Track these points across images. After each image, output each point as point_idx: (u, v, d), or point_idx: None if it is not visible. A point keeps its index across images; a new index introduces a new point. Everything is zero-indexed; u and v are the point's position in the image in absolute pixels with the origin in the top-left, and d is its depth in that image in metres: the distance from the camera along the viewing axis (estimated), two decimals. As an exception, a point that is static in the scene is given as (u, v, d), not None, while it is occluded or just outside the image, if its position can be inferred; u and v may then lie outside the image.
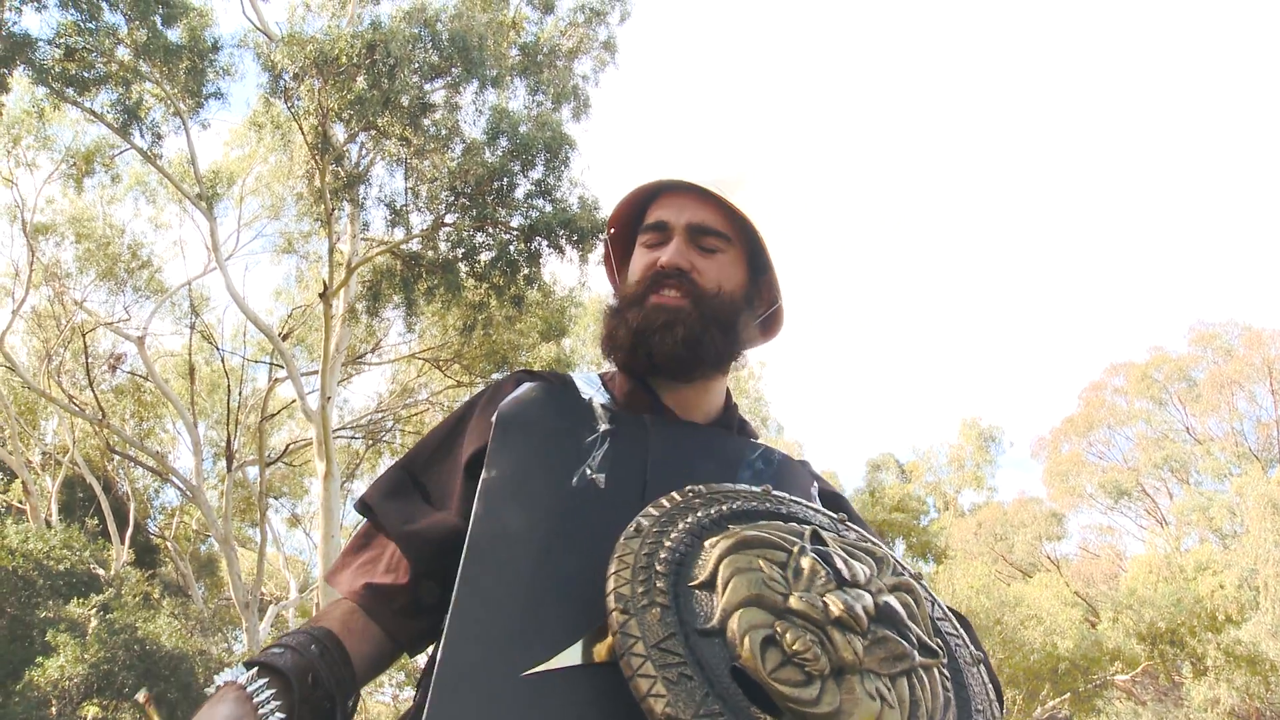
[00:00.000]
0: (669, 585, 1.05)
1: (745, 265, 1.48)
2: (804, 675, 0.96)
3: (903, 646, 1.01)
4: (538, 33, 15.23)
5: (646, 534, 1.11)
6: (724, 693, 0.95)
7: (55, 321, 18.72)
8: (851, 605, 1.01)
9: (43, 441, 21.50)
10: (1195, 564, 22.63)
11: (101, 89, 12.71)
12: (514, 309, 14.50)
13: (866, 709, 0.95)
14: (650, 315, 1.41)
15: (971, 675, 1.09)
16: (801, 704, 0.94)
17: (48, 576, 13.89)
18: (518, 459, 1.32)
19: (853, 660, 0.97)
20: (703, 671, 0.97)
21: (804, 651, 0.96)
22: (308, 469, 21.53)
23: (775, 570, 1.05)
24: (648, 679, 0.96)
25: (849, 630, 0.99)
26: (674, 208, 1.48)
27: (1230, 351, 28.84)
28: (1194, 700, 20.80)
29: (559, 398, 1.44)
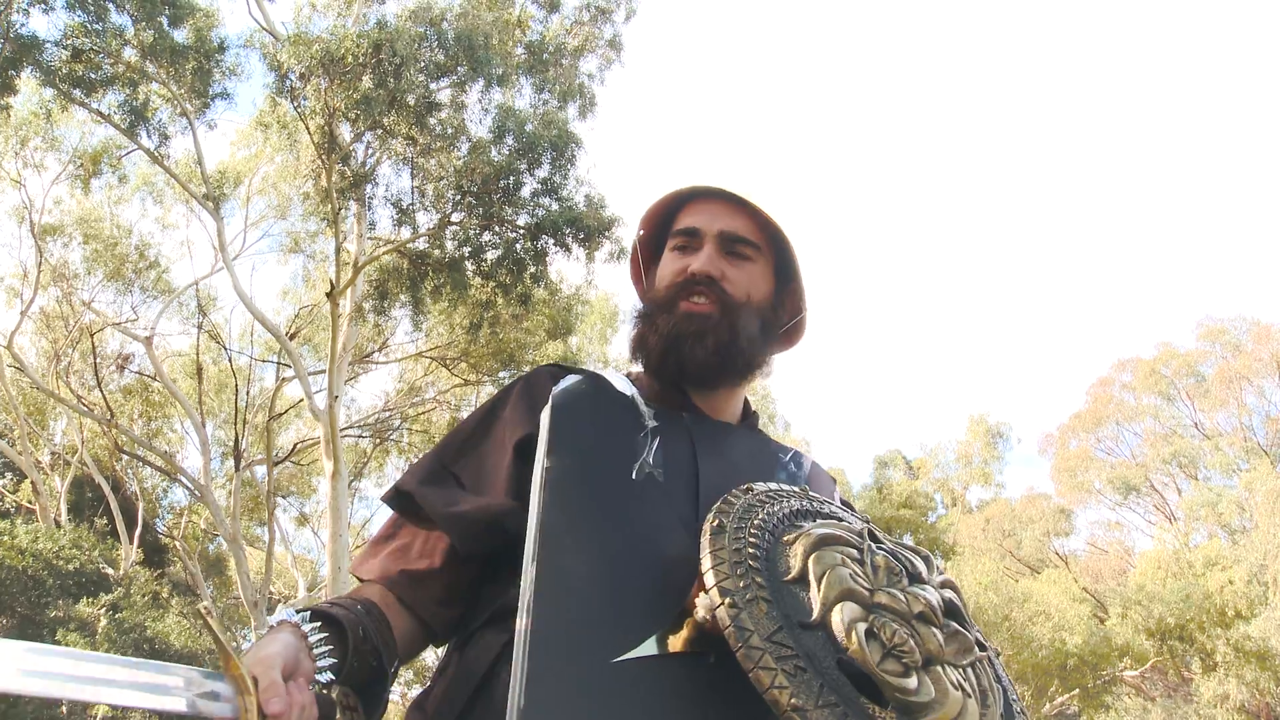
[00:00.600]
0: (765, 580, 1.08)
1: (773, 274, 1.50)
2: (902, 666, 1.00)
3: (970, 639, 1.06)
4: (543, 31, 15.22)
5: (730, 531, 1.14)
6: (835, 684, 0.99)
7: (63, 322, 18.76)
8: (929, 600, 1.06)
9: (51, 442, 21.54)
10: (1204, 559, 22.56)
11: (108, 90, 12.74)
12: (520, 307, 14.52)
13: (955, 699, 1.00)
14: (681, 323, 1.43)
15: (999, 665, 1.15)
16: (906, 693, 0.99)
17: (57, 576, 13.94)
18: (579, 449, 1.31)
19: (938, 652, 1.02)
20: (812, 664, 1.00)
21: (901, 644, 1.01)
22: (315, 468, 21.55)
23: (856, 566, 1.09)
24: (769, 671, 0.98)
25: (930, 624, 1.04)
26: (706, 214, 1.48)
27: (1239, 346, 28.76)
28: (1203, 696, 20.75)
29: (607, 390, 1.44)
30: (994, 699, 1.07)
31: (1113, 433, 30.71)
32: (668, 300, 1.46)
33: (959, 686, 1.02)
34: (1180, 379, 29.50)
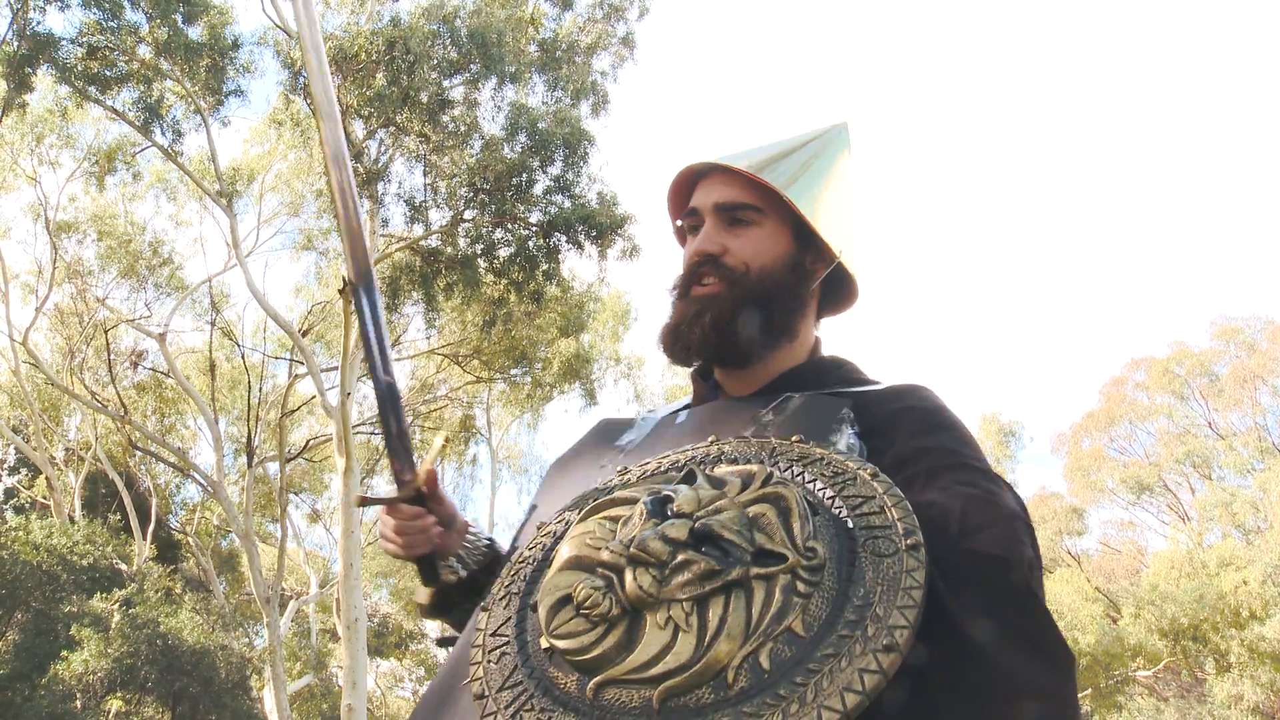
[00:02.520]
0: (529, 572, 1.11)
1: (789, 232, 1.46)
2: (589, 624, 0.94)
3: (708, 564, 0.93)
4: (556, 29, 15.22)
5: (545, 528, 1.16)
6: (532, 663, 0.98)
7: (78, 318, 18.84)
8: (646, 539, 0.96)
9: (66, 438, 21.65)
10: (1218, 559, 22.45)
11: (123, 87, 12.80)
12: (533, 305, 14.53)
13: (651, 640, 0.91)
14: (685, 309, 1.44)
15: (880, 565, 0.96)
16: (573, 652, 0.94)
17: (71, 571, 13.99)
18: (548, 492, 1.46)
19: (641, 595, 0.93)
20: (522, 647, 1.01)
21: (586, 600, 0.95)
22: (328, 464, 21.63)
23: (606, 527, 1.04)
24: (475, 665, 1.03)
25: (642, 565, 0.95)
26: (703, 192, 1.49)
27: (1253, 346, 28.61)
28: (1217, 697, 20.65)
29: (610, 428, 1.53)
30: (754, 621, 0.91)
31: (1126, 432, 30.59)
32: (682, 289, 1.47)
33: (670, 625, 0.91)
34: (1194, 378, 29.36)
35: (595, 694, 0.92)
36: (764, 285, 1.42)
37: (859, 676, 0.86)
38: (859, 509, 1.02)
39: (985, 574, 1.03)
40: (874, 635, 0.88)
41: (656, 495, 1.03)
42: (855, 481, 1.05)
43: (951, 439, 1.25)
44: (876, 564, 0.95)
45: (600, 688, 0.92)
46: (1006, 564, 1.04)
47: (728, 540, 0.95)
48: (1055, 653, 1.00)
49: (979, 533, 1.06)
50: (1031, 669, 0.98)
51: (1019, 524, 1.10)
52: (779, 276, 1.44)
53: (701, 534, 0.96)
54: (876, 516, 1.01)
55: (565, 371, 19.09)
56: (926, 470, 1.17)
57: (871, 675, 0.86)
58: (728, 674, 0.89)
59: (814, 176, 1.47)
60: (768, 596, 0.92)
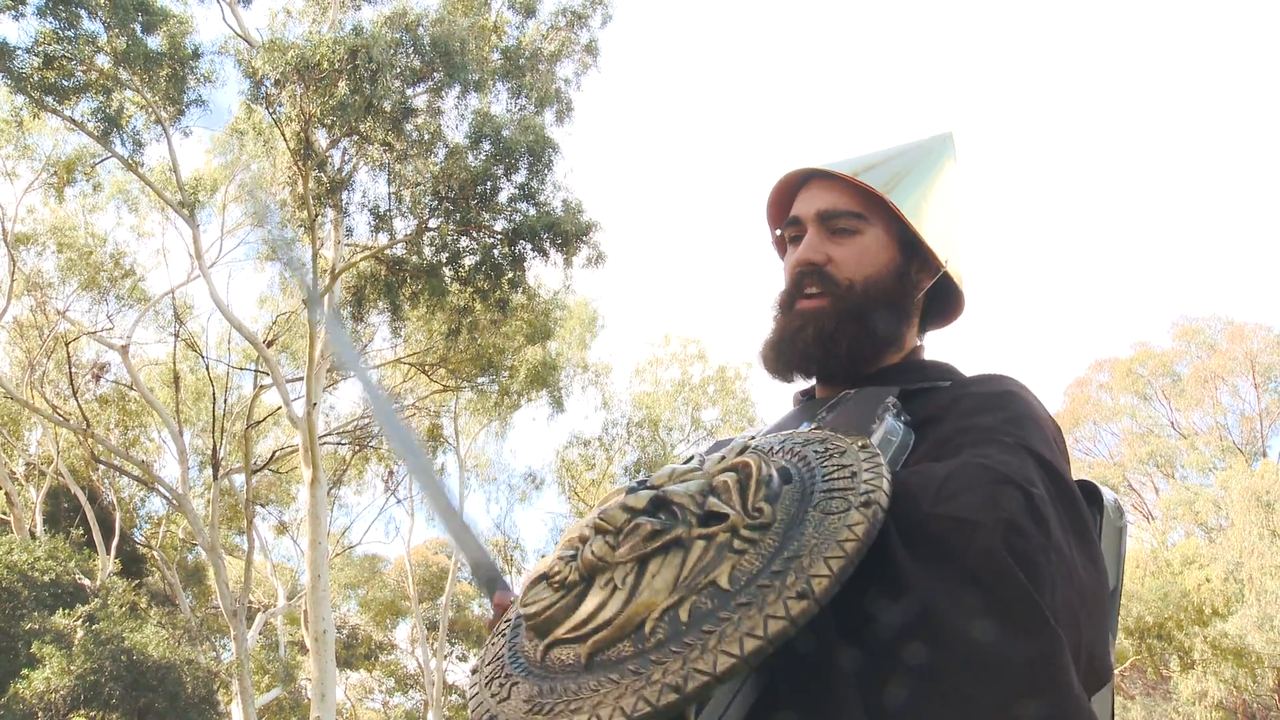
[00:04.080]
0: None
1: (894, 242, 1.41)
2: (552, 591, 0.98)
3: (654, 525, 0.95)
4: (519, 37, 15.22)
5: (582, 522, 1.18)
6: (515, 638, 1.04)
7: (38, 331, 18.60)
8: (607, 509, 0.99)
9: (26, 452, 21.35)
10: (1182, 558, 22.75)
11: (82, 97, 12.67)
12: (499, 313, 14.50)
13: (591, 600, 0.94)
14: (788, 325, 1.40)
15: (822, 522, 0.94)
16: (529, 616, 0.98)
17: (33, 588, 13.80)
18: None
19: (593, 561, 0.96)
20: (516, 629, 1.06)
21: (551, 570, 0.99)
22: (294, 476, 21.46)
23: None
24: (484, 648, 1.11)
25: (601, 534, 0.98)
26: (806, 199, 1.44)
27: (1214, 346, 29.02)
28: (1182, 694, 20.90)
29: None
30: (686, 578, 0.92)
31: (1090, 433, 30.94)
32: (785, 302, 1.43)
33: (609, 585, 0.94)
34: (1156, 379, 29.74)
35: (543, 654, 0.96)
36: (869, 296, 1.37)
37: (764, 622, 0.85)
38: (829, 477, 1.01)
39: (949, 538, 0.97)
40: (791, 584, 0.88)
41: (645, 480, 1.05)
42: (843, 454, 1.04)
43: (998, 419, 1.18)
44: (820, 521, 0.94)
45: (549, 647, 0.96)
46: (973, 526, 0.97)
47: (677, 504, 0.97)
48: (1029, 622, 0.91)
49: (953, 499, 1.00)
50: (1001, 639, 0.90)
51: (1008, 488, 1.01)
52: (885, 286, 1.39)
53: (658, 501, 0.98)
54: (843, 482, 0.99)
55: (532, 379, 19.06)
56: (954, 448, 1.13)
57: (777, 621, 0.85)
58: (645, 626, 0.90)
59: (917, 182, 1.43)
60: (702, 554, 0.93)
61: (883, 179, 1.39)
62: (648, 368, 26.35)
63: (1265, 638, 19.23)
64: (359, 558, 29.43)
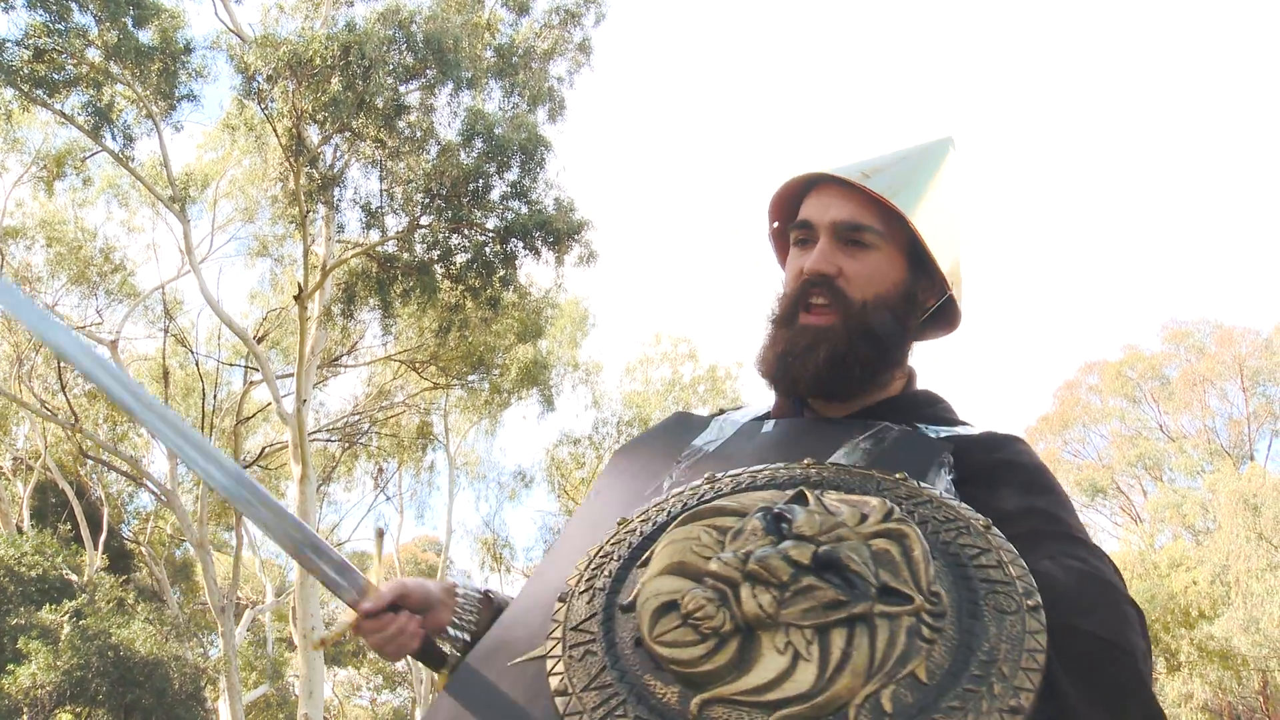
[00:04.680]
0: (616, 570, 1.07)
1: (904, 258, 1.38)
2: (698, 635, 0.91)
3: (833, 594, 0.91)
4: (513, 34, 15.20)
5: (628, 524, 1.12)
6: (624, 665, 0.95)
7: (26, 325, 18.52)
8: (767, 557, 0.93)
9: (14, 447, 21.27)
10: (1169, 560, 22.82)
11: (72, 91, 12.61)
12: (490, 311, 14.49)
13: (769, 663, 0.88)
14: (795, 338, 1.36)
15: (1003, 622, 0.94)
16: (682, 663, 0.91)
17: (19, 583, 13.74)
18: (610, 483, 1.37)
19: (758, 614, 0.90)
20: (610, 648, 0.97)
21: (697, 610, 0.92)
22: (284, 472, 21.39)
23: (713, 536, 1.01)
24: (554, 658, 1.00)
25: (761, 584, 0.92)
26: (820, 205, 1.39)
27: (1202, 349, 29.14)
28: (1168, 696, 20.97)
29: (684, 423, 1.44)
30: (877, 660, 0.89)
31: (1079, 435, 31.04)
32: (788, 314, 1.38)
33: (789, 650, 0.89)
34: (1145, 381, 29.86)
35: (700, 709, 0.89)
36: (878, 316, 1.34)
37: None
38: (976, 560, 1.00)
39: (1100, 658, 1.01)
40: (1000, 694, 0.86)
41: (770, 511, 1.00)
42: (969, 530, 1.04)
43: (1054, 503, 1.21)
44: (999, 620, 0.93)
45: (706, 704, 0.89)
46: (1121, 651, 1.02)
47: (853, 571, 0.93)
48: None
49: (1092, 613, 1.03)
50: None
51: (1131, 610, 1.07)
52: (892, 306, 1.36)
53: (825, 560, 0.93)
54: (994, 570, 0.99)
55: (523, 378, 19.06)
56: (1030, 533, 1.12)
57: None
58: (849, 711, 0.86)
59: (931, 199, 1.39)
60: (891, 636, 0.90)
61: (903, 195, 1.35)
62: (638, 366, 26.37)
63: (1251, 640, 19.30)
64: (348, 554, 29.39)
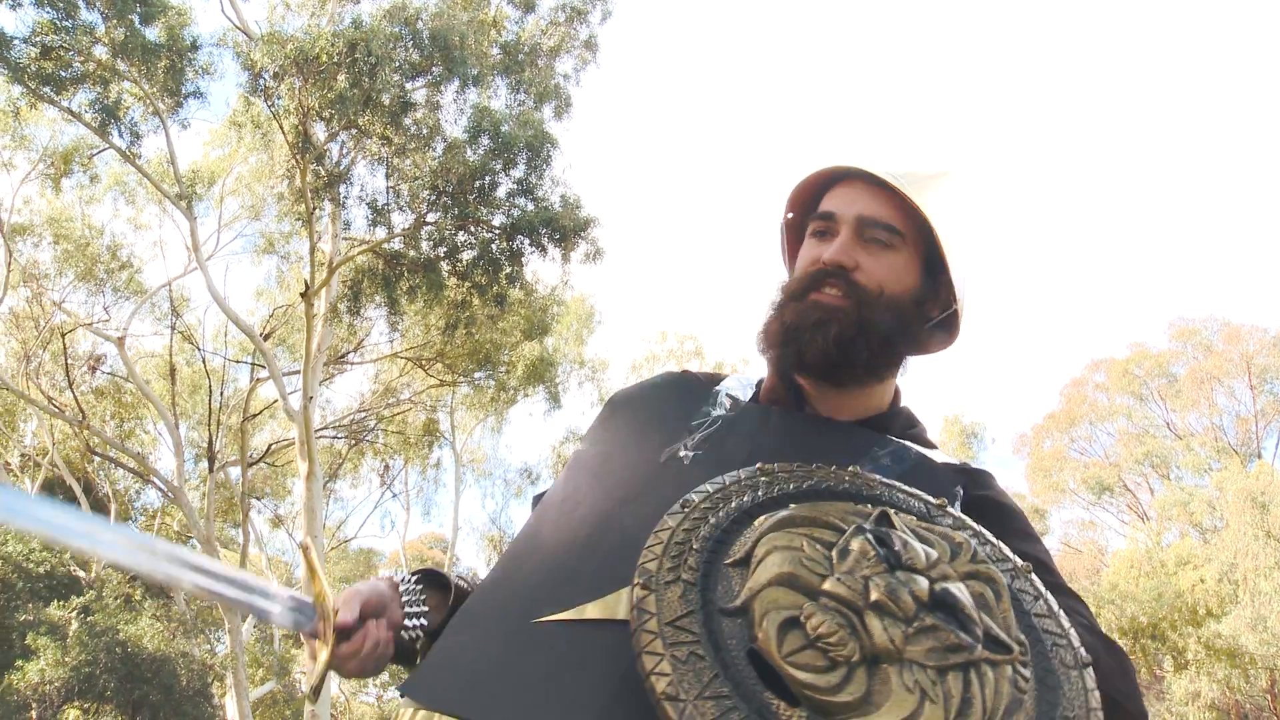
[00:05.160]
0: (701, 562, 1.00)
1: (919, 265, 1.38)
2: (827, 661, 0.89)
3: (957, 637, 0.91)
4: (519, 31, 15.18)
5: (693, 509, 1.07)
6: (737, 676, 0.90)
7: (34, 322, 18.57)
8: (895, 589, 0.92)
9: (21, 443, 21.31)
10: (1176, 558, 22.77)
11: (79, 88, 12.62)
12: (496, 308, 14.48)
13: (900, 700, 0.87)
14: (806, 313, 1.34)
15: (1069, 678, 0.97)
16: (818, 690, 0.88)
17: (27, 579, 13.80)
18: (614, 435, 1.34)
19: (888, 648, 0.89)
20: (717, 653, 0.92)
21: (829, 635, 0.90)
22: (290, 469, 21.42)
23: (819, 550, 0.98)
24: (654, 656, 0.92)
25: (889, 615, 0.91)
26: (846, 198, 1.39)
27: (1210, 347, 29.06)
28: (1175, 694, 20.94)
29: (685, 385, 1.41)
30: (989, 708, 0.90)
31: (1086, 433, 30.98)
32: (799, 291, 1.37)
33: (917, 689, 0.88)
34: (1153, 379, 29.78)
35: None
36: (891, 314, 1.34)
37: None
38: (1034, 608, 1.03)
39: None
40: None
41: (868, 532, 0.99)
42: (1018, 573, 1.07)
43: (1044, 552, 1.28)
44: (1068, 676, 0.97)
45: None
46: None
47: (965, 614, 0.94)
48: None
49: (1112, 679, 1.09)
50: None
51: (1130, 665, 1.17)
52: (903, 309, 1.36)
53: (940, 599, 0.94)
54: (1049, 620, 1.02)
55: (529, 375, 19.05)
56: None
57: None
58: None
59: (958, 217, 1.39)
60: (997, 685, 0.91)
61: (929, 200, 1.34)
62: (644, 364, 26.36)
63: (1259, 638, 19.26)
64: (354, 551, 29.42)
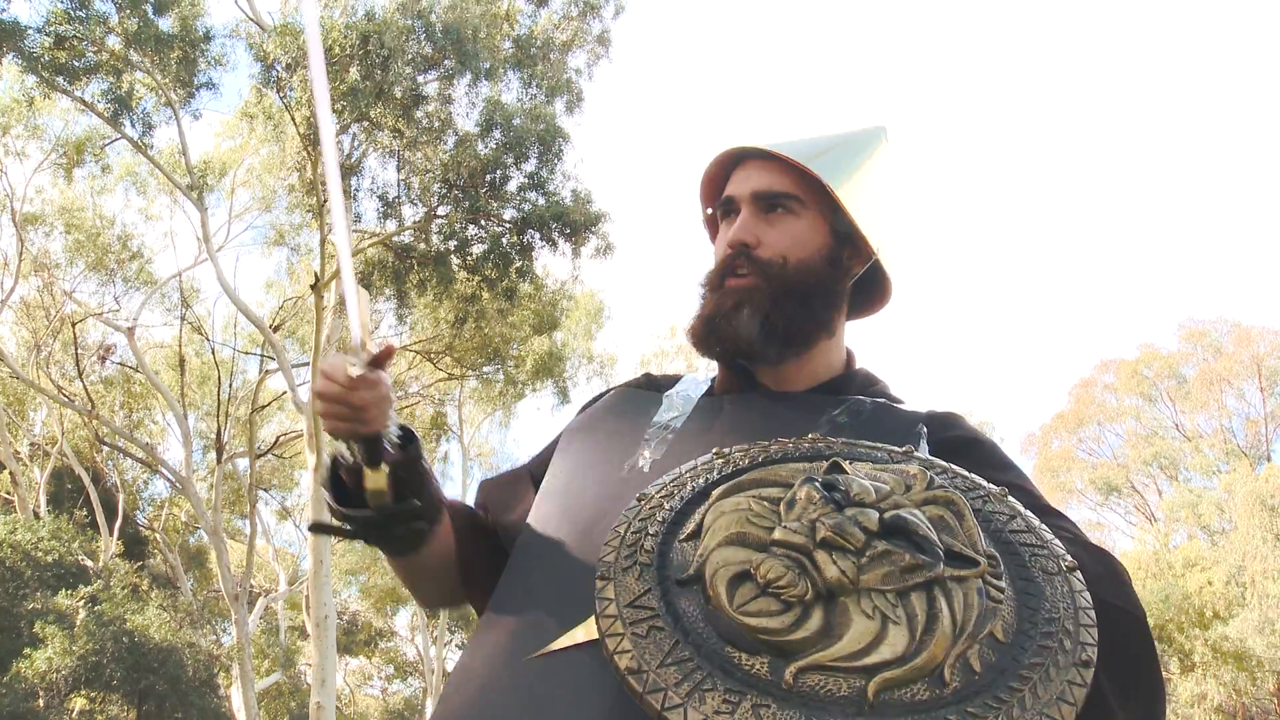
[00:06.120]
0: (657, 544, 1.01)
1: (827, 225, 1.38)
2: (780, 605, 0.90)
3: (912, 558, 0.92)
4: (531, 25, 15.17)
5: (649, 501, 1.07)
6: (698, 640, 0.91)
7: (44, 312, 18.63)
8: (841, 524, 0.93)
9: (31, 432, 21.39)
10: (1184, 560, 22.71)
11: (92, 78, 12.65)
12: (506, 302, 14.49)
13: (860, 628, 0.88)
14: (720, 301, 1.36)
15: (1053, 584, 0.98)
16: (771, 632, 0.89)
17: (36, 568, 13.84)
18: (574, 462, 1.34)
19: (841, 580, 0.90)
20: (677, 622, 0.93)
21: (778, 579, 0.91)
22: (298, 461, 21.47)
23: (765, 506, 1.00)
24: (615, 638, 0.93)
25: (837, 550, 0.92)
26: (741, 178, 1.41)
27: (1219, 349, 28.96)
28: (1181, 696, 20.89)
29: (632, 399, 1.43)
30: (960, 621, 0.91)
31: (1094, 433, 30.90)
32: (715, 280, 1.39)
33: (878, 614, 0.89)
34: (1162, 380, 29.68)
35: (795, 679, 0.88)
36: (801, 279, 1.35)
37: (1068, 688, 0.88)
38: (1009, 526, 1.04)
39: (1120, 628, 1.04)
40: (1070, 649, 0.91)
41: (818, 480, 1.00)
42: (992, 498, 1.07)
43: (1023, 478, 1.27)
44: (1049, 581, 0.97)
45: (802, 672, 0.88)
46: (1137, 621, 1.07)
47: (920, 536, 0.94)
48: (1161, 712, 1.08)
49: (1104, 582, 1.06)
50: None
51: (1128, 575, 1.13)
52: (816, 270, 1.37)
53: (892, 525, 0.94)
54: (1027, 535, 1.03)
55: (538, 369, 19.05)
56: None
57: (1077, 688, 0.88)
58: (944, 671, 0.88)
59: (855, 170, 1.40)
60: (965, 598, 0.92)
61: (820, 162, 1.36)
62: (653, 359, 26.35)
63: (1266, 641, 19.21)
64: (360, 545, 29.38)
